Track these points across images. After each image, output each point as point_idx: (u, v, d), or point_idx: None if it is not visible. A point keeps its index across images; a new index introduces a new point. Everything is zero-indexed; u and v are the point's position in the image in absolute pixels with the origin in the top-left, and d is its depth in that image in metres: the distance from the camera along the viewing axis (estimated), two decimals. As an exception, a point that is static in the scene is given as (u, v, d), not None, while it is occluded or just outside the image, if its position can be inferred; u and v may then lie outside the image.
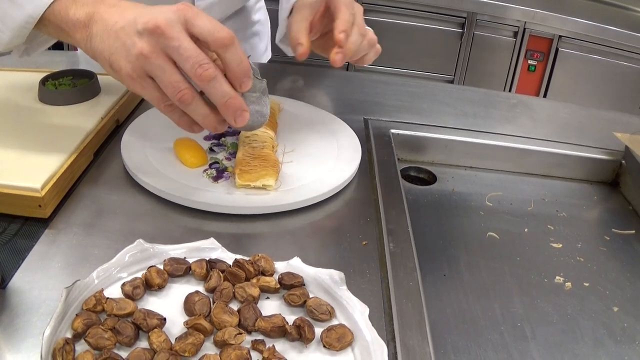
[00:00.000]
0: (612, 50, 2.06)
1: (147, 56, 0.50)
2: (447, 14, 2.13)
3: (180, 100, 0.52)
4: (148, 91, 0.53)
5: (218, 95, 0.52)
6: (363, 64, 0.76)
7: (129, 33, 0.51)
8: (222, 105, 0.52)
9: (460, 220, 0.72)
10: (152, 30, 0.50)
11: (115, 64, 0.53)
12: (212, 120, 0.54)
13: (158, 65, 0.51)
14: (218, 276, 0.46)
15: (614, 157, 0.83)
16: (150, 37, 0.50)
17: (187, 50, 0.50)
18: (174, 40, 0.50)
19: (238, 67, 0.52)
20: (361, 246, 0.56)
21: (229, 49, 0.51)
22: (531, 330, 0.56)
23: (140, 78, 0.52)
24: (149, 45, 0.50)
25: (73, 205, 0.57)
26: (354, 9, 0.69)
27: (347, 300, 0.45)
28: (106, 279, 0.45)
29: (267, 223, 0.57)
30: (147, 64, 0.51)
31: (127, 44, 0.51)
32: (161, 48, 0.50)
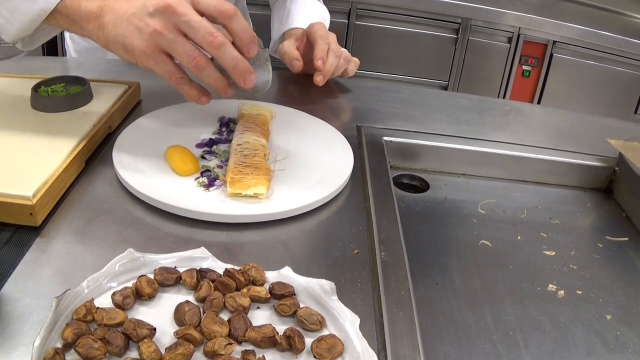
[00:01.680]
0: (606, 55, 2.07)
1: (161, 32, 0.57)
2: (441, 20, 2.14)
3: (195, 66, 0.58)
4: (161, 66, 0.60)
5: (228, 60, 0.58)
6: (347, 76, 0.95)
7: (140, 16, 0.58)
8: (232, 69, 0.59)
9: (453, 228, 0.72)
10: (164, 9, 0.57)
11: (129, 45, 0.59)
12: (222, 83, 0.61)
13: (172, 39, 0.58)
14: (208, 286, 0.46)
15: (607, 164, 0.83)
16: (162, 15, 0.57)
17: (197, 23, 0.57)
18: (184, 16, 0.57)
19: (244, 34, 0.60)
20: (352, 255, 0.56)
21: (234, 19, 0.59)
22: (523, 338, 0.56)
23: (154, 54, 0.59)
24: (162, 22, 0.57)
25: (64, 213, 0.57)
26: (328, 38, 0.88)
27: (338, 310, 0.45)
28: (96, 289, 0.45)
29: (258, 232, 0.57)
30: (161, 39, 0.58)
31: (140, 26, 0.58)
32: (173, 24, 0.57)
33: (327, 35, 0.89)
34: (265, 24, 1.09)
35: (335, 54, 0.88)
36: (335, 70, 0.90)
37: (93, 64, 0.94)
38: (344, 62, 0.91)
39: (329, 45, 0.88)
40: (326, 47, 0.87)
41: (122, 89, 0.77)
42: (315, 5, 1.05)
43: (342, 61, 0.90)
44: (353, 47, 2.17)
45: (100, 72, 0.90)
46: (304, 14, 1.00)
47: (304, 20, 0.96)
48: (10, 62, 0.91)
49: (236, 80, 0.60)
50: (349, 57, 0.93)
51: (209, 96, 0.64)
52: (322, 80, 0.86)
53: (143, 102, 0.81)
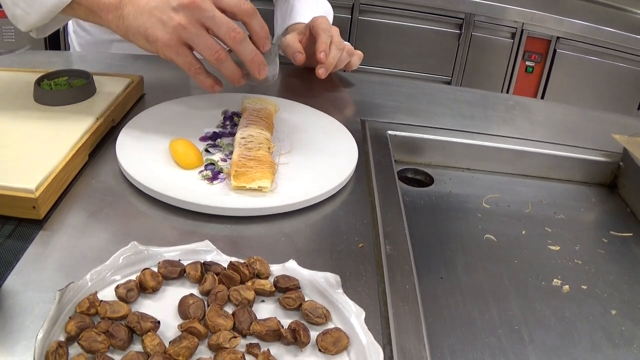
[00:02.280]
0: (609, 51, 2.06)
1: (185, 26, 0.62)
2: (444, 15, 2.13)
3: (217, 58, 0.63)
4: (182, 57, 0.64)
5: (247, 53, 0.64)
6: (350, 69, 0.97)
7: (163, 10, 0.62)
8: (250, 61, 0.64)
9: (458, 222, 0.71)
10: (188, 5, 0.61)
11: (152, 36, 0.63)
12: (238, 74, 0.66)
13: (195, 33, 0.62)
14: (213, 279, 0.45)
15: (612, 159, 0.82)
16: (186, 10, 0.62)
17: (220, 19, 0.62)
18: (208, 12, 0.62)
19: (261, 31, 0.66)
20: (357, 249, 0.55)
21: (254, 17, 0.65)
22: (528, 333, 0.55)
23: (176, 46, 0.63)
24: (186, 17, 0.62)
25: (67, 207, 0.57)
26: (331, 32, 0.89)
27: (343, 304, 0.45)
28: (100, 282, 0.45)
29: (262, 225, 0.57)
30: (185, 32, 0.62)
31: (164, 19, 0.62)
32: (196, 19, 0.62)
33: (329, 28, 0.89)
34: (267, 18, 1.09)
35: (338, 46, 0.89)
36: (338, 63, 0.90)
37: (96, 57, 0.93)
38: (346, 55, 0.91)
39: (332, 38, 0.88)
40: (329, 39, 0.88)
41: (125, 83, 0.77)
42: (319, 0, 1.05)
43: (345, 54, 0.91)
44: (356, 42, 2.17)
45: (104, 66, 0.90)
46: (307, 8, 0.99)
47: (307, 15, 0.96)
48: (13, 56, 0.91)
49: (252, 72, 0.66)
50: (352, 50, 0.93)
51: (221, 85, 0.69)
52: (325, 73, 0.87)
53: (146, 96, 0.81)
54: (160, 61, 0.67)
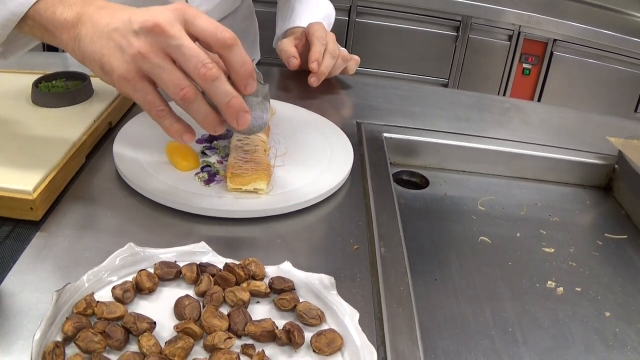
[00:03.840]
0: (606, 54, 2.07)
1: (146, 55, 0.49)
2: (441, 17, 2.14)
3: (183, 98, 0.50)
4: (141, 94, 0.52)
5: (221, 95, 0.50)
6: (348, 74, 0.96)
7: (123, 33, 0.50)
8: (224, 106, 0.51)
9: (452, 224, 0.72)
10: (151, 29, 0.49)
11: (107, 66, 0.51)
12: (212, 119, 0.52)
13: (157, 64, 0.49)
14: (208, 280, 0.46)
15: (607, 162, 0.83)
16: (149, 36, 0.49)
17: (189, 49, 0.49)
18: (175, 39, 0.49)
19: (242, 68, 0.51)
20: (352, 250, 0.56)
21: (233, 49, 0.50)
22: (522, 335, 0.56)
23: (134, 80, 0.50)
24: (147, 44, 0.49)
25: (65, 208, 0.57)
26: (326, 39, 0.88)
27: (337, 305, 0.45)
28: (96, 283, 0.45)
29: (258, 227, 0.57)
30: (145, 63, 0.49)
31: (122, 45, 0.50)
32: (160, 47, 0.49)
33: (324, 36, 0.89)
34: (270, 21, 1.10)
35: (332, 54, 0.89)
36: (333, 70, 0.91)
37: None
38: (341, 62, 0.91)
39: (326, 46, 0.88)
40: (322, 48, 0.88)
41: (122, 85, 0.77)
42: (320, 1, 1.04)
43: (339, 61, 0.91)
44: (353, 45, 2.17)
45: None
46: (307, 12, 0.99)
47: (306, 19, 0.96)
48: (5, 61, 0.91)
49: (228, 120, 0.52)
50: (347, 56, 0.93)
51: (193, 134, 0.54)
52: (316, 82, 0.88)
53: (143, 98, 0.81)
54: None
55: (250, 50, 1.17)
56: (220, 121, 0.53)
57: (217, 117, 0.52)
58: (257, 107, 0.55)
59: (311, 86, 0.88)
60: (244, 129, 0.54)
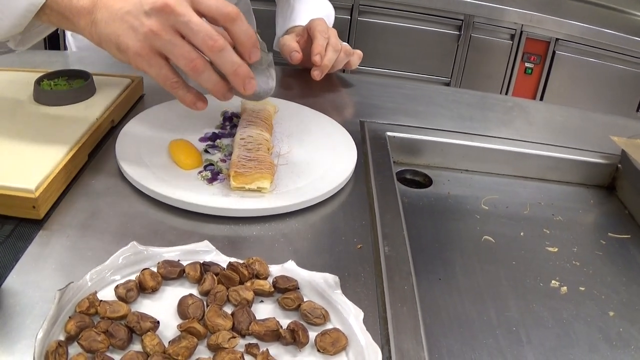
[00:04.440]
0: (608, 53, 2.06)
1: (157, 33, 0.54)
2: (444, 16, 2.13)
3: (193, 69, 0.55)
4: (155, 68, 0.57)
5: (228, 64, 0.55)
6: (350, 68, 0.96)
7: (136, 15, 0.55)
8: (231, 74, 0.56)
9: (456, 223, 0.72)
10: (161, 9, 0.54)
11: (122, 45, 0.56)
12: (221, 87, 0.57)
13: (168, 40, 0.54)
14: (212, 279, 0.46)
15: (610, 161, 0.82)
16: (159, 15, 0.54)
17: (196, 25, 0.54)
18: (183, 16, 0.54)
19: (246, 39, 0.56)
20: (356, 249, 0.56)
21: (236, 22, 0.56)
22: (526, 334, 0.56)
23: (148, 56, 0.56)
24: (158, 22, 0.54)
25: (67, 207, 0.57)
26: (328, 33, 0.88)
27: (342, 304, 0.45)
28: (100, 282, 0.45)
29: (261, 226, 0.57)
30: (157, 40, 0.55)
31: (135, 25, 0.55)
32: (170, 25, 0.54)
33: (326, 30, 0.89)
34: (269, 20, 1.09)
35: (335, 48, 0.88)
36: (335, 64, 0.90)
37: (95, 58, 0.93)
38: (344, 56, 0.91)
39: (329, 40, 0.88)
40: (325, 42, 0.87)
41: (125, 83, 0.77)
42: (320, 1, 1.05)
43: (342, 55, 0.90)
44: (355, 43, 2.17)
45: (103, 66, 0.89)
46: (307, 11, 1.00)
47: (307, 17, 0.96)
48: (13, 55, 0.91)
49: (235, 86, 0.57)
50: (350, 50, 0.93)
51: (205, 101, 0.60)
52: (319, 75, 0.87)
53: (146, 96, 0.81)
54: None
55: None
56: (228, 88, 0.58)
57: (225, 85, 0.58)
58: (262, 74, 0.60)
59: (314, 80, 0.87)
60: (250, 95, 0.59)
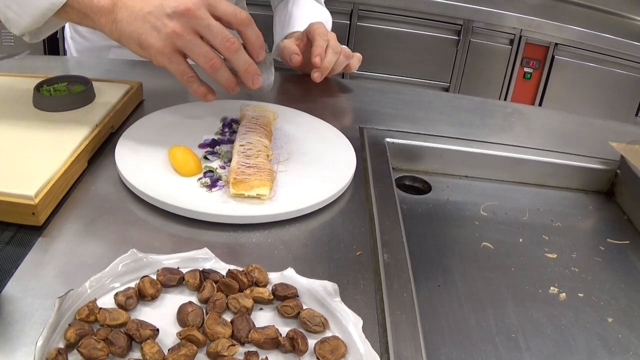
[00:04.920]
0: (608, 58, 2.06)
1: (180, 34, 0.61)
2: (443, 21, 2.14)
3: (212, 66, 0.63)
4: (175, 65, 0.64)
5: (241, 63, 0.64)
6: (350, 71, 0.97)
7: (158, 16, 0.61)
8: (243, 71, 0.65)
9: (455, 230, 0.72)
10: (183, 12, 0.61)
11: (144, 43, 0.62)
12: (233, 82, 0.66)
13: (190, 41, 0.62)
14: (211, 287, 0.46)
15: (609, 167, 0.83)
16: (181, 18, 0.61)
17: (215, 28, 0.62)
18: (204, 20, 0.61)
19: (256, 41, 0.65)
20: (355, 257, 0.56)
21: (249, 26, 0.65)
22: (525, 341, 0.56)
23: (170, 53, 0.63)
24: (181, 25, 0.61)
25: (67, 213, 0.57)
26: (328, 36, 0.90)
27: (341, 312, 0.45)
28: (99, 289, 0.45)
29: (260, 232, 0.57)
30: (179, 40, 0.62)
31: (158, 25, 0.61)
32: (191, 27, 0.61)
33: (326, 33, 0.90)
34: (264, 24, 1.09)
35: (334, 50, 0.89)
36: (335, 67, 0.90)
37: (95, 63, 0.94)
38: (343, 59, 0.91)
39: (328, 43, 0.89)
40: (325, 44, 0.88)
41: (124, 89, 0.77)
42: (317, 7, 1.05)
43: (341, 57, 0.91)
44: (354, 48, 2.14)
45: (102, 72, 0.90)
46: (305, 17, 1.00)
47: (305, 23, 0.96)
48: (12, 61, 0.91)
49: (245, 82, 0.66)
50: (350, 53, 0.93)
51: (214, 94, 0.68)
52: (320, 77, 0.88)
53: (145, 102, 0.81)
54: (159, 67, 0.67)
55: None
56: (237, 82, 0.67)
57: (235, 80, 0.66)
58: (265, 71, 0.68)
59: (313, 86, 0.88)
60: (256, 88, 0.67)
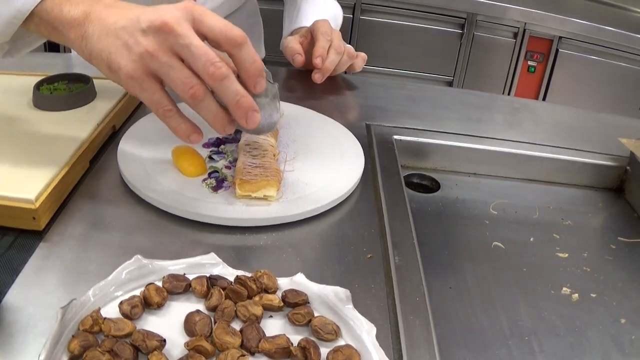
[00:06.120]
0: (612, 51, 2.05)
1: (153, 54, 0.49)
2: (446, 15, 2.12)
3: (192, 96, 0.49)
4: (148, 93, 0.51)
5: (230, 94, 0.50)
6: (354, 71, 0.93)
7: (131, 32, 0.50)
8: (234, 105, 0.50)
9: (465, 229, 0.70)
10: (159, 28, 0.48)
11: (114, 64, 0.50)
12: (222, 118, 0.51)
13: (165, 63, 0.49)
14: (219, 294, 0.44)
15: (619, 163, 0.81)
16: (157, 35, 0.49)
17: (198, 48, 0.48)
18: (183, 38, 0.48)
19: (252, 67, 0.51)
20: (366, 259, 0.54)
21: (243, 47, 0.50)
22: (539, 344, 0.55)
23: (141, 79, 0.50)
24: (155, 43, 0.49)
25: (68, 217, 0.55)
26: (331, 36, 0.85)
27: (354, 320, 0.44)
28: (103, 297, 0.44)
29: (268, 235, 0.56)
30: (153, 62, 0.49)
31: (130, 43, 0.49)
32: (169, 46, 0.49)
33: (329, 32, 0.87)
34: (275, 19, 1.08)
35: (337, 50, 0.86)
36: (338, 67, 0.88)
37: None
38: (347, 59, 0.89)
39: (331, 42, 0.86)
40: (327, 44, 0.85)
41: (125, 87, 0.75)
42: (327, 1, 1.03)
43: (345, 58, 0.88)
44: (358, 42, 2.15)
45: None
46: (313, 12, 0.98)
47: (313, 18, 0.94)
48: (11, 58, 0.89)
49: (237, 119, 0.51)
50: (353, 53, 0.91)
51: (200, 134, 0.53)
52: (320, 79, 0.85)
53: (147, 100, 0.79)
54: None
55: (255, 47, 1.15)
56: (229, 120, 0.52)
57: (226, 117, 0.51)
58: (266, 107, 0.54)
59: (316, 83, 0.86)
60: (253, 129, 0.53)
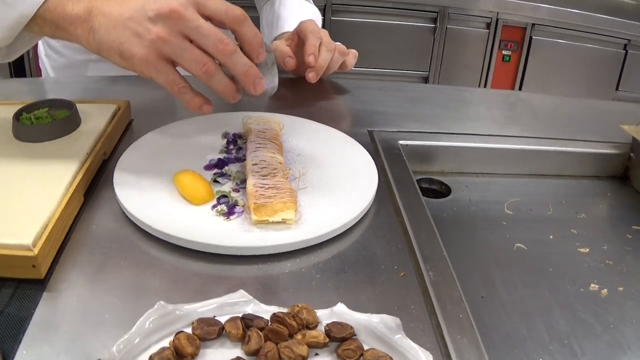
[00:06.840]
0: (584, 34, 2.08)
1: (165, 39, 0.54)
2: (418, 10, 2.11)
3: (206, 72, 0.55)
4: (163, 75, 0.56)
5: (239, 66, 0.56)
6: (346, 69, 0.90)
7: (139, 21, 0.54)
8: (242, 75, 0.56)
9: (484, 233, 0.68)
10: (167, 15, 0.53)
11: (126, 52, 0.55)
12: (231, 89, 0.58)
13: (178, 46, 0.54)
14: (258, 336, 0.40)
15: (622, 151, 0.80)
16: (166, 21, 0.54)
17: (206, 29, 0.54)
18: (192, 22, 0.54)
19: (254, 40, 0.57)
20: (399, 278, 0.51)
21: (245, 24, 0.56)
22: (579, 346, 0.53)
23: (155, 62, 0.55)
24: (165, 29, 0.54)
25: (70, 260, 0.50)
26: (320, 33, 0.84)
27: (408, 349, 0.40)
28: (129, 353, 0.39)
29: (291, 261, 0.52)
30: (165, 46, 0.54)
31: (140, 31, 0.54)
32: (178, 30, 0.54)
33: (318, 30, 0.84)
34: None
35: (328, 47, 0.83)
36: (330, 65, 0.84)
37: (73, 82, 0.86)
38: (338, 56, 0.85)
39: (321, 40, 0.83)
40: (318, 42, 0.82)
41: (111, 110, 0.70)
42: (305, 5, 1.00)
43: (336, 55, 0.84)
44: (330, 44, 2.12)
45: (83, 91, 0.82)
46: (294, 16, 0.94)
47: (294, 22, 0.90)
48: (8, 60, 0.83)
49: (246, 87, 0.58)
50: (344, 50, 0.87)
51: (210, 104, 0.60)
52: (315, 77, 0.81)
53: (135, 122, 0.74)
54: (143, 81, 0.60)
55: None
56: (237, 89, 0.58)
57: (235, 86, 0.58)
58: (267, 73, 0.60)
59: (308, 89, 0.82)
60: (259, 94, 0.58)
